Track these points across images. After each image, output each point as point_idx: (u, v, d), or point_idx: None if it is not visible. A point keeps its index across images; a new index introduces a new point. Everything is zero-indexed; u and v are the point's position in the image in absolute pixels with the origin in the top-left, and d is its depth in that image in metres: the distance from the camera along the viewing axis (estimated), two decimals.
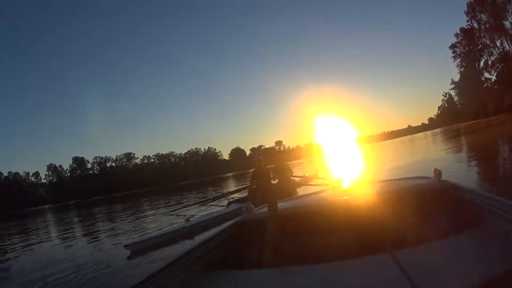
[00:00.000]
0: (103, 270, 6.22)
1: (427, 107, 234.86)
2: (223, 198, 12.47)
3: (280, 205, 3.24)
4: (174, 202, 20.63)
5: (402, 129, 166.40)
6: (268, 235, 2.86)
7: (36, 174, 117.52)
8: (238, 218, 3.61)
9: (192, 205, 14.64)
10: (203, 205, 13.62)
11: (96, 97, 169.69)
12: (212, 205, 12.71)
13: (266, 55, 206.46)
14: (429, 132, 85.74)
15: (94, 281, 5.61)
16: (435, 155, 17.88)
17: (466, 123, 65.68)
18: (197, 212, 11.84)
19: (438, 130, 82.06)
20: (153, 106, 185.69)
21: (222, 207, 11.06)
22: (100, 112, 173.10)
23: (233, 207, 10.02)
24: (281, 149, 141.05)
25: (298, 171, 16.11)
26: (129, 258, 6.94)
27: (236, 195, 12.56)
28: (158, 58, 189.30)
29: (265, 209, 3.39)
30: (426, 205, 2.98)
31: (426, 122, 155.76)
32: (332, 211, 3.13)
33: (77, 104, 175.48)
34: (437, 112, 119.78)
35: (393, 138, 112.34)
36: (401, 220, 2.86)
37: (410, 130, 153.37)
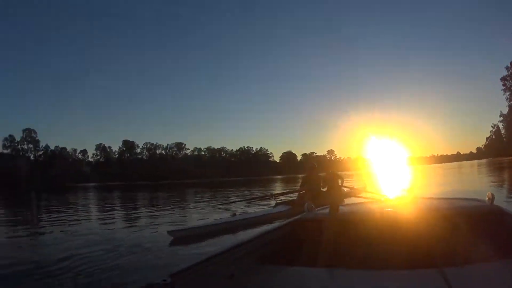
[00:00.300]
0: (143, 254, 6.18)
1: (478, 135, 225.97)
2: (271, 198, 12.50)
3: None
4: (220, 196, 20.68)
5: (451, 154, 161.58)
6: (325, 236, 2.97)
7: (84, 151, 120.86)
8: (298, 216, 3.63)
9: (238, 201, 14.69)
10: (249, 202, 13.68)
11: (154, 84, 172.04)
12: (259, 204, 12.76)
13: (329, 67, 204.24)
14: (475, 162, 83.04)
15: (133, 264, 5.54)
16: (481, 185, 17.39)
17: (510, 158, 62.89)
18: (243, 209, 11.79)
19: (484, 161, 78.80)
20: (209, 101, 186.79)
21: (269, 207, 11.03)
22: (157, 100, 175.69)
23: (281, 208, 9.98)
24: (332, 158, 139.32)
25: (347, 182, 16.02)
26: (171, 244, 6.88)
27: (284, 197, 12.53)
28: (221, 55, 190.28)
29: (325, 211, 3.47)
30: (477, 226, 2.99)
31: (474, 151, 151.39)
32: (384, 221, 3.19)
33: (134, 89, 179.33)
34: (485, 142, 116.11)
35: (441, 163, 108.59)
36: (451, 238, 2.92)
37: (459, 157, 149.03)
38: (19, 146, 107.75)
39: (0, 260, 6.14)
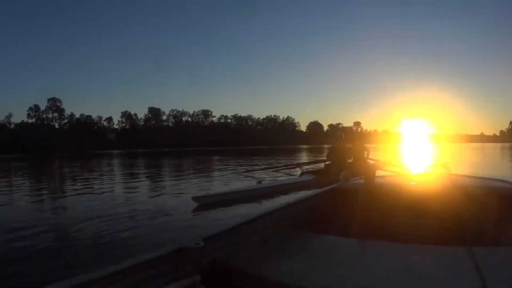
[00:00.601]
0: (167, 219, 6.13)
1: (502, 118, 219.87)
2: (297, 168, 12.58)
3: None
4: (246, 164, 20.71)
5: (475, 135, 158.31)
6: (359, 207, 2.93)
7: (109, 119, 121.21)
8: (335, 185, 3.63)
9: (264, 169, 14.72)
10: (276, 170, 13.76)
11: (181, 52, 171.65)
12: (285, 173, 12.84)
13: (359, 37, 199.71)
14: (499, 145, 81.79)
15: (158, 228, 5.53)
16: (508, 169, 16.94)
17: None
18: (269, 177, 11.85)
19: (508, 144, 76.59)
20: (236, 68, 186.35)
21: (294, 176, 11.06)
22: (184, 67, 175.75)
23: (306, 177, 10.01)
24: (359, 130, 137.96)
25: (373, 155, 15.84)
26: (195, 211, 6.81)
27: (310, 167, 12.57)
28: (251, 22, 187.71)
29: (360, 181, 3.43)
30: (507, 208, 2.89)
31: (498, 134, 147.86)
32: (417, 195, 3.15)
33: (160, 55, 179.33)
34: (509, 126, 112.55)
35: (465, 142, 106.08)
36: (481, 217, 2.86)
37: (482, 138, 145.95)
38: (44, 115, 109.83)
39: (23, 223, 6.18)
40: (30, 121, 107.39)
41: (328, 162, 11.10)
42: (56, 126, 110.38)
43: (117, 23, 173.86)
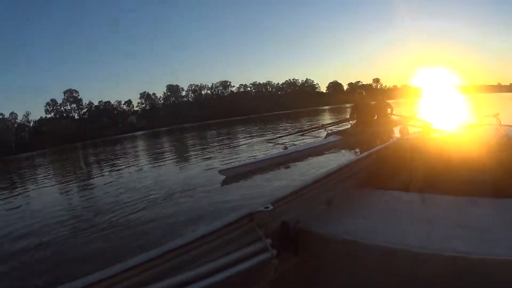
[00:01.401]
0: (195, 194, 6.18)
1: None
2: (321, 130, 12.51)
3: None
4: (269, 131, 20.62)
5: (492, 85, 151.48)
6: (419, 161, 3.05)
7: (128, 102, 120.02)
8: (392, 141, 3.70)
9: (290, 134, 14.66)
10: (300, 134, 13.74)
11: (192, 22, 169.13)
12: (310, 136, 12.78)
13: None
14: None
15: (186, 204, 5.60)
16: None
17: None
18: (294, 141, 11.83)
19: None
20: (250, 34, 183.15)
21: (320, 138, 10.99)
22: (197, 39, 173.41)
23: (331, 138, 9.93)
24: (378, 87, 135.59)
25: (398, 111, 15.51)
26: (223, 184, 6.79)
27: (334, 127, 12.47)
28: None
29: (418, 135, 3.55)
30: None
31: None
32: (471, 148, 3.14)
33: (172, 30, 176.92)
34: None
35: (483, 92, 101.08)
36: None
37: (499, 88, 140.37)
38: (62, 108, 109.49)
39: (54, 209, 6.44)
40: (48, 116, 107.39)
41: (353, 121, 10.98)
42: (76, 117, 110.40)
43: (124, 3, 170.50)
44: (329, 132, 11.21)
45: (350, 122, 11.26)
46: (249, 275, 1.72)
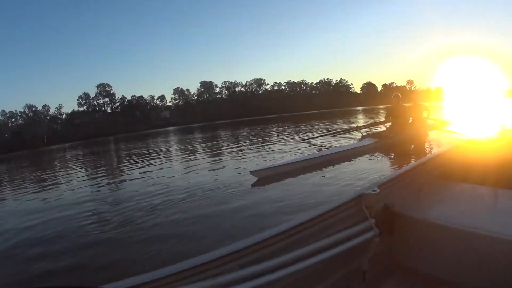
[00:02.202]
0: (226, 195, 6.11)
1: None
2: (356, 131, 12.31)
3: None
4: (303, 131, 20.43)
5: None
6: (494, 157, 3.15)
7: (162, 97, 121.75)
8: (470, 137, 3.81)
9: (323, 135, 14.49)
10: (334, 136, 13.62)
11: (226, 21, 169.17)
12: (345, 137, 12.61)
13: None
14: None
15: (218, 205, 5.53)
16: None
17: None
18: (329, 143, 11.67)
19: None
20: (286, 33, 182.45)
21: (354, 141, 10.85)
22: (232, 37, 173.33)
23: (367, 141, 9.73)
24: (412, 88, 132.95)
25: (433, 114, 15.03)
26: (254, 185, 6.69)
27: (370, 130, 12.27)
28: None
29: (494, 134, 3.64)
30: None
31: None
32: None
33: (208, 28, 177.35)
34: None
35: None
36: None
37: None
38: (95, 102, 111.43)
39: (87, 203, 6.44)
40: (81, 109, 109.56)
41: (388, 124, 10.77)
42: (108, 111, 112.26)
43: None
44: (364, 134, 11.03)
45: (385, 124, 11.06)
46: (353, 251, 1.89)
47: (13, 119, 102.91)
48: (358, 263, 2.03)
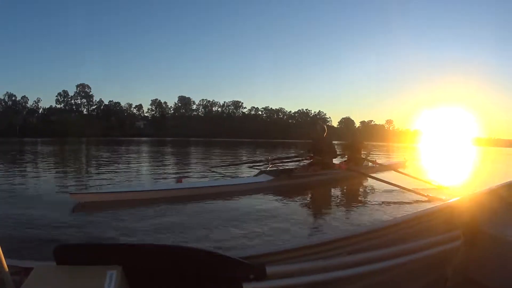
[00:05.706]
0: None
1: None
2: (267, 164, 10.10)
3: None
4: (250, 155, 19.79)
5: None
6: None
7: (139, 106, 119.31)
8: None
9: (229, 165, 12.82)
10: (235, 166, 12.32)
11: (210, 39, 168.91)
12: (247, 169, 10.77)
13: (396, 30, 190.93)
14: None
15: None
16: None
17: None
18: (231, 173, 10.08)
19: None
20: (268, 59, 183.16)
21: (248, 175, 9.14)
22: (214, 57, 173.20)
23: (261, 178, 7.70)
24: (390, 128, 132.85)
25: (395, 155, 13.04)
26: (73, 211, 5.16)
27: (284, 163, 10.58)
28: (287, 16, 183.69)
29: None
30: None
31: None
32: None
33: (192, 44, 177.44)
34: None
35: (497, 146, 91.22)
36: None
37: None
38: (73, 101, 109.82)
39: None
40: (58, 106, 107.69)
41: (308, 161, 8.96)
42: (85, 112, 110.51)
43: (147, 10, 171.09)
44: (262, 169, 8.90)
45: (306, 160, 9.15)
46: (441, 256, 1.98)
47: None
48: (442, 270, 2.05)
